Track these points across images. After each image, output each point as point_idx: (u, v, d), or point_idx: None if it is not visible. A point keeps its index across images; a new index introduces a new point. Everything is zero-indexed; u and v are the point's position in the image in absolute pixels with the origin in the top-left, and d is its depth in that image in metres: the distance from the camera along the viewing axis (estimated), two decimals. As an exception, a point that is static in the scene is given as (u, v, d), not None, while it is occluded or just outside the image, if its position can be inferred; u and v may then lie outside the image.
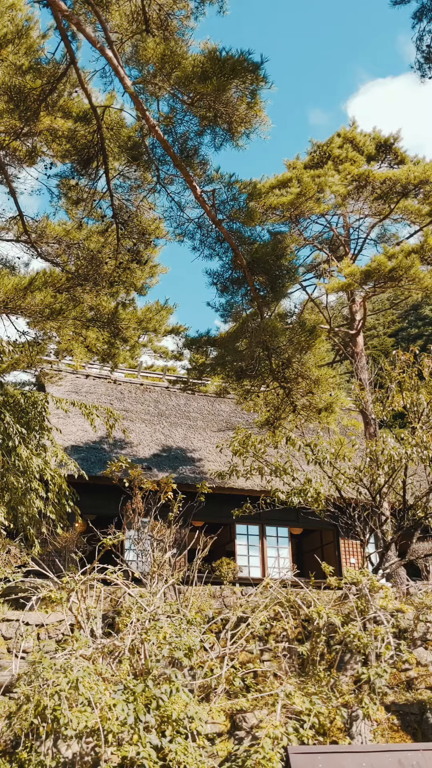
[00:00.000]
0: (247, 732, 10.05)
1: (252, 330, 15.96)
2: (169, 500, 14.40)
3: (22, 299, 19.32)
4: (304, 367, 16.31)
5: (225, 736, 10.11)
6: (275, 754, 9.06)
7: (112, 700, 8.68)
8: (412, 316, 49.68)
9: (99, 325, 21.70)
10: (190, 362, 26.02)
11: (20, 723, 8.84)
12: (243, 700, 10.21)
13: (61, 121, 17.01)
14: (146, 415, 31.67)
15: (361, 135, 26.98)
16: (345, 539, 29.27)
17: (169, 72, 12.49)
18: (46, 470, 17.82)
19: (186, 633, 9.93)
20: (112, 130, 17.16)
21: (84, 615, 11.21)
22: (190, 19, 15.98)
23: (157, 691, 8.94)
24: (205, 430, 31.75)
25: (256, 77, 12.50)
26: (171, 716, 8.86)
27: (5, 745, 9.54)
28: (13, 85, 16.09)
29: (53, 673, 8.67)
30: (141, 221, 18.47)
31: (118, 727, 8.48)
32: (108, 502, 24.96)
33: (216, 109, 13.08)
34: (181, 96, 13.01)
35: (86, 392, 31.48)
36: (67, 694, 8.50)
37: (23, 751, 8.88)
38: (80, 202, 18.10)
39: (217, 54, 12.31)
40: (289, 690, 10.24)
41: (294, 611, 12.97)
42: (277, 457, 18.29)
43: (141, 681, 9.14)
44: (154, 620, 10.35)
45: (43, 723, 8.56)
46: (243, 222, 14.38)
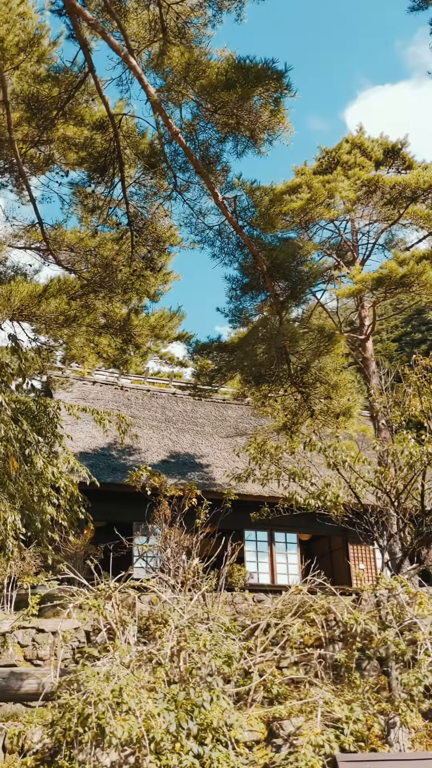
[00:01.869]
0: (285, 739, 10.04)
1: (271, 335, 15.97)
2: (193, 507, 14.38)
3: (37, 306, 19.35)
4: (323, 372, 16.36)
5: (262, 744, 10.11)
6: (318, 761, 9.05)
7: (155, 707, 8.67)
8: (416, 321, 49.72)
9: (111, 331, 21.73)
10: (201, 368, 25.99)
11: (63, 731, 8.83)
12: (281, 708, 10.20)
13: (77, 129, 17.04)
14: (154, 421, 31.67)
15: (369, 140, 27.05)
16: (354, 545, 29.26)
17: (194, 80, 12.54)
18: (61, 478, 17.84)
19: (225, 640, 9.93)
20: (129, 138, 17.21)
21: (118, 622, 11.20)
22: (207, 27, 16.03)
23: (198, 698, 8.93)
24: (212, 436, 31.74)
25: (280, 85, 12.56)
26: (211, 724, 8.85)
27: (43, 753, 9.52)
28: (30, 94, 16.11)
29: (97, 681, 8.66)
30: (156, 228, 18.49)
31: (162, 734, 8.48)
32: (117, 509, 24.97)
33: (239, 117, 13.13)
34: (205, 104, 13.04)
35: (93, 399, 31.47)
36: (111, 702, 8.49)
37: (63, 759, 8.87)
38: (96, 209, 18.12)
39: (241, 62, 12.35)
40: (328, 697, 10.24)
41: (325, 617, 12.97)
42: (294, 462, 18.24)
43: (183, 688, 9.14)
44: (191, 627, 10.34)
45: (88, 731, 8.55)
46: (263, 228, 14.43)
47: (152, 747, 8.55)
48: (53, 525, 18.58)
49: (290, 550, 28.54)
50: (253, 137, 13.46)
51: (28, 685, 12.55)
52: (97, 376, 33.61)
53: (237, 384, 26.95)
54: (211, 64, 12.78)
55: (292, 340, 15.49)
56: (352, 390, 16.56)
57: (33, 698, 12.49)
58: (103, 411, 21.58)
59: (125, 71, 17.25)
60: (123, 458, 28.00)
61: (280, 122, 12.99)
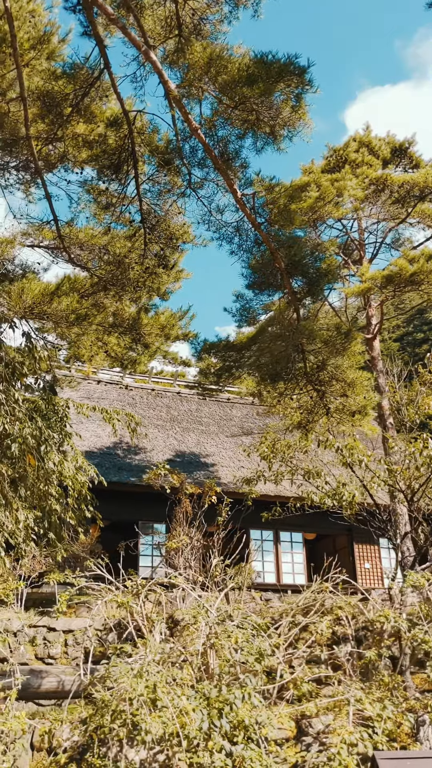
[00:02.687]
0: (314, 738, 9.97)
1: (288, 332, 15.89)
2: (213, 504, 14.30)
3: (48, 304, 19.27)
4: (339, 370, 16.29)
5: (292, 742, 10.04)
6: (351, 760, 8.98)
7: (188, 704, 8.60)
8: (418, 321, 49.71)
9: (121, 330, 21.64)
10: (208, 367, 25.92)
11: (96, 728, 8.75)
12: (311, 705, 10.12)
13: (91, 126, 16.95)
14: (159, 420, 31.63)
15: (376, 139, 27.01)
16: (360, 544, 29.25)
17: (215, 75, 12.46)
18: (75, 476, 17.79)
19: (256, 637, 9.87)
20: (143, 134, 17.13)
21: (146, 619, 11.12)
22: (223, 23, 15.95)
23: (230, 696, 8.86)
24: (218, 435, 31.70)
25: (302, 81, 12.48)
26: (242, 722, 8.78)
27: (73, 751, 9.45)
28: (45, 91, 16.03)
29: (131, 677, 8.58)
30: (169, 226, 18.41)
31: (196, 732, 8.40)
32: (122, 508, 24.93)
33: (259, 113, 13.05)
34: (226, 99, 12.96)
35: (98, 398, 31.42)
36: (146, 698, 8.42)
37: (95, 757, 8.79)
38: (109, 207, 18.03)
39: (264, 58, 12.28)
40: (359, 695, 10.17)
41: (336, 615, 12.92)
42: (306, 461, 18.20)
43: (215, 685, 9.07)
44: (222, 624, 10.27)
45: (122, 728, 8.47)
46: (282, 225, 14.35)
47: (185, 744, 8.47)
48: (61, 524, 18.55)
49: (296, 549, 28.52)
50: (272, 133, 13.38)
51: (48, 683, 12.50)
52: (102, 375, 33.55)
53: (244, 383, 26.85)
54: (232, 59, 12.69)
55: (309, 338, 15.42)
56: (368, 388, 16.50)
57: (53, 696, 12.43)
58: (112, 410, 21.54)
59: (140, 68, 17.21)
60: (129, 457, 27.96)
61: (300, 118, 12.92)
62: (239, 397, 35.36)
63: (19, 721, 8.92)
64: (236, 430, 32.53)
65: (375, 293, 24.68)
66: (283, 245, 14.74)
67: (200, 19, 15.95)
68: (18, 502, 15.33)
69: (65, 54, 18.97)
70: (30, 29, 18.58)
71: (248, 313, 26.03)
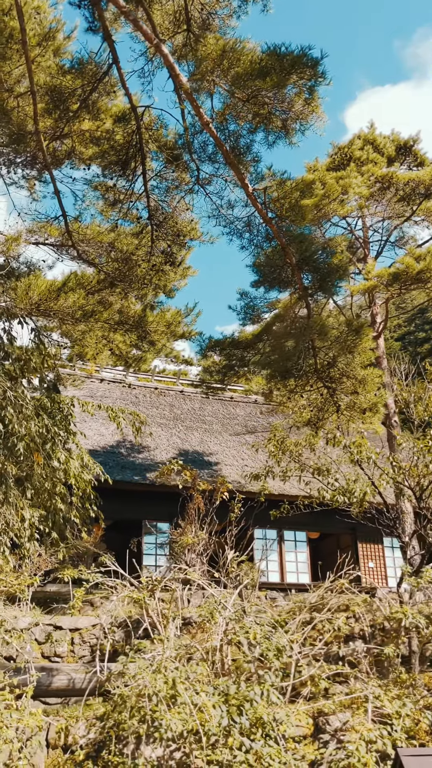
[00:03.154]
0: (332, 735, 9.87)
1: (299, 328, 15.79)
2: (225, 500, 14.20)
3: (55, 301, 19.16)
4: (350, 367, 16.19)
5: (309, 739, 9.94)
6: (371, 757, 8.88)
7: (208, 701, 8.50)
8: (419, 320, 49.63)
9: (126, 328, 21.53)
10: (213, 365, 25.84)
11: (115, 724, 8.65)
12: (329, 702, 10.03)
13: (99, 121, 16.85)
14: (162, 419, 31.54)
15: (381, 137, 26.95)
16: (364, 543, 29.18)
17: (228, 67, 12.36)
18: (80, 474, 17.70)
19: (274, 633, 9.77)
20: (150, 130, 17.04)
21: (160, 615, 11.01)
22: (232, 18, 15.86)
23: (250, 692, 8.76)
24: (221, 434, 31.62)
25: (315, 73, 12.37)
26: (261, 718, 8.69)
27: (88, 748, 9.35)
28: (53, 86, 15.92)
29: (150, 674, 8.47)
30: (177, 222, 18.31)
31: (216, 729, 8.30)
32: (125, 507, 24.85)
33: (271, 106, 12.96)
34: (238, 93, 12.86)
35: (101, 396, 31.32)
36: (166, 694, 8.31)
37: (113, 755, 8.69)
38: (117, 203, 17.93)
39: (276, 50, 12.17)
40: (378, 692, 10.07)
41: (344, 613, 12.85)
42: (314, 459, 18.08)
43: (234, 681, 8.97)
44: (239, 621, 10.18)
45: (142, 724, 8.37)
46: (294, 220, 14.25)
47: (204, 741, 8.37)
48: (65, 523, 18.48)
49: (299, 548, 28.45)
50: (284, 127, 13.28)
51: (59, 681, 12.38)
52: (104, 373, 33.46)
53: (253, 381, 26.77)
54: (244, 51, 12.59)
55: (321, 334, 15.32)
56: (379, 385, 16.39)
57: (64, 694, 12.32)
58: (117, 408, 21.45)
59: (147, 63, 17.11)
60: (132, 456, 27.88)
61: (313, 111, 12.81)
62: (243, 396, 35.29)
63: (36, 718, 8.82)
64: (240, 429, 32.46)
65: (381, 291, 24.60)
66: (294, 240, 14.63)
67: (209, 14, 15.86)
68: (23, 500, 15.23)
69: (71, 51, 18.89)
70: (35, 26, 18.48)
71: (253, 311, 25.96)
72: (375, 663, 11.73)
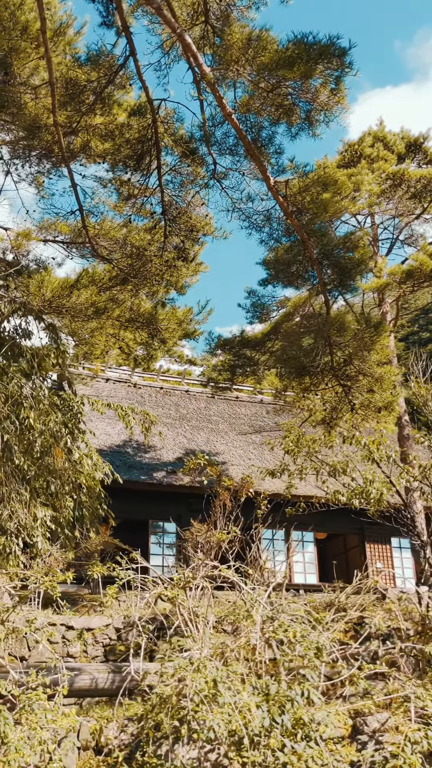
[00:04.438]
0: (370, 736, 9.65)
1: (317, 325, 15.58)
2: (251, 498, 13.98)
3: (67, 298, 18.93)
4: (366, 364, 15.97)
5: (347, 740, 9.72)
6: (416, 758, 8.67)
7: (251, 701, 8.28)
8: (423, 320, 49.51)
9: (137, 325, 21.31)
10: (222, 363, 25.66)
11: (155, 725, 8.43)
12: (369, 702, 9.82)
13: (114, 115, 16.64)
14: (167, 418, 31.35)
15: (391, 134, 26.79)
16: (372, 543, 29.04)
17: (253, 57, 12.14)
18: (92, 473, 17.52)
19: (314, 632, 9.56)
20: (166, 123, 16.83)
21: (191, 614, 10.79)
22: (251, 9, 15.65)
23: (291, 692, 8.54)
24: (227, 434, 31.45)
25: (342, 63, 12.16)
26: (301, 719, 8.47)
27: (120, 749, 9.11)
28: (69, 78, 15.71)
29: (191, 673, 8.25)
30: (191, 217, 18.10)
31: (258, 729, 8.08)
32: (132, 507, 24.66)
33: (296, 96, 12.75)
34: (263, 83, 12.64)
35: (107, 396, 31.10)
36: (207, 694, 8.09)
37: (147, 756, 8.47)
38: (131, 198, 17.71)
39: (303, 39, 11.96)
40: (420, 692, 9.86)
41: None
42: (332, 456, 17.85)
43: (275, 680, 8.75)
44: (275, 619, 9.97)
45: (183, 725, 8.15)
46: (316, 213, 14.04)
47: (247, 742, 8.14)
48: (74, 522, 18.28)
49: (306, 548, 28.31)
50: (308, 119, 13.07)
51: (81, 681, 12.13)
52: (110, 373, 33.28)
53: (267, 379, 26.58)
54: (270, 39, 12.37)
55: (339, 330, 15.10)
56: (395, 383, 16.17)
57: (86, 694, 12.07)
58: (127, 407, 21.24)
59: (164, 56, 16.90)
60: (139, 456, 27.72)
61: (339, 102, 12.60)
62: (248, 396, 35.12)
63: (70, 719, 8.59)
64: (246, 428, 32.28)
65: (393, 288, 24.44)
66: (315, 234, 14.42)
67: (227, 5, 15.66)
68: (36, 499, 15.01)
69: (80, 47, 18.70)
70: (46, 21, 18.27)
71: (262, 309, 25.79)
72: (411, 662, 11.52)
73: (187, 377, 35.38)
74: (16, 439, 13.83)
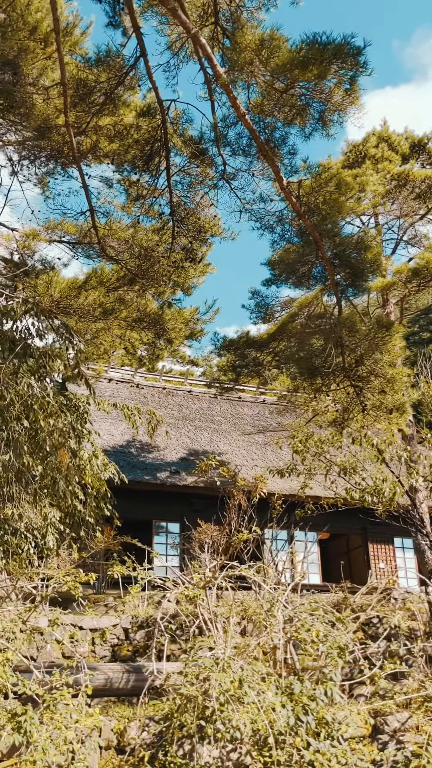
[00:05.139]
0: (391, 735, 9.68)
1: (329, 325, 15.59)
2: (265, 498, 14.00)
3: (75, 298, 18.96)
4: (378, 365, 15.98)
5: (368, 740, 9.74)
6: (439, 757, 8.70)
7: (276, 700, 8.29)
8: (423, 321, 49.53)
9: (144, 325, 21.34)
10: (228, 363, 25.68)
11: (181, 725, 8.44)
12: (390, 702, 9.84)
13: (124, 115, 16.65)
14: (171, 419, 31.32)
15: (395, 134, 26.82)
16: (374, 544, 29.04)
17: (267, 58, 12.14)
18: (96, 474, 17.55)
19: (336, 631, 9.58)
20: (175, 124, 16.86)
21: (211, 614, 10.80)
22: (261, 10, 15.69)
23: (315, 691, 8.55)
24: (230, 434, 31.45)
25: (356, 63, 12.17)
26: (323, 718, 8.48)
27: (142, 748, 9.12)
28: (80, 79, 15.72)
29: (217, 672, 8.26)
30: (199, 218, 18.13)
31: (284, 728, 8.09)
32: (135, 507, 24.64)
33: (309, 97, 12.77)
34: (278, 83, 12.65)
35: (110, 396, 31.07)
36: (234, 693, 8.10)
37: (170, 756, 8.48)
38: (139, 198, 17.74)
39: (317, 39, 11.97)
40: (442, 691, 9.90)
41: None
42: (341, 457, 17.84)
43: (299, 679, 8.76)
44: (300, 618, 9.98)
45: (209, 725, 8.15)
46: (329, 214, 14.06)
47: (271, 741, 8.15)
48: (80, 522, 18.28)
49: (310, 549, 28.26)
50: (321, 119, 13.09)
51: (96, 680, 12.13)
52: (112, 373, 33.27)
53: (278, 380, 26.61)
54: (282, 41, 12.37)
55: (351, 331, 15.11)
56: (407, 384, 16.17)
57: (101, 694, 12.06)
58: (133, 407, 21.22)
59: (173, 57, 16.92)
60: (142, 456, 27.69)
61: (353, 102, 12.62)
62: (251, 396, 35.13)
63: (95, 719, 8.59)
64: (249, 429, 32.28)
65: (398, 288, 24.47)
66: (328, 235, 14.44)
67: (237, 6, 15.68)
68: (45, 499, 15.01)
69: (86, 47, 18.73)
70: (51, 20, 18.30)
71: (266, 310, 25.82)
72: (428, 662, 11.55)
73: (189, 377, 35.37)
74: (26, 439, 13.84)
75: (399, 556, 29.29)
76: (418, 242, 29.03)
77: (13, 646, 9.66)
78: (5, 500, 14.50)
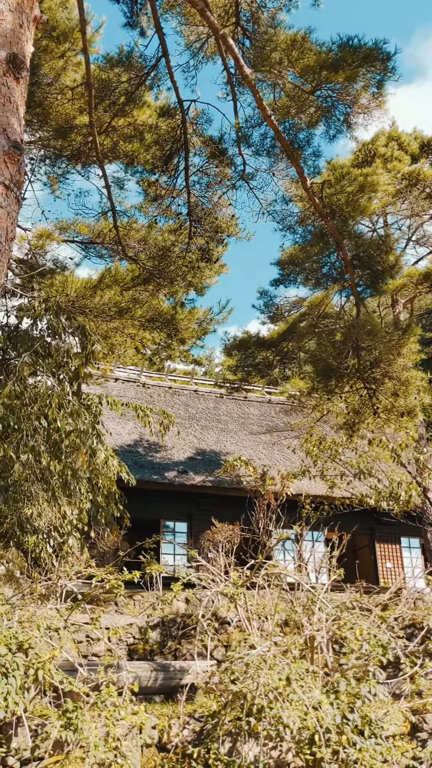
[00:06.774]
0: (430, 733, 9.76)
1: (346, 326, 15.65)
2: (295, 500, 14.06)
3: (91, 298, 18.99)
4: (392, 368, 16.03)
5: (407, 738, 9.82)
6: None
7: (324, 698, 8.35)
8: (426, 320, 49.54)
9: (157, 325, 21.37)
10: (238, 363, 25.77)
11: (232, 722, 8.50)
12: (430, 700, 9.92)
13: (144, 115, 16.71)
14: (177, 418, 31.32)
15: (404, 134, 26.88)
16: (381, 543, 29.10)
17: (296, 59, 12.21)
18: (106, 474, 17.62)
19: (379, 630, 9.65)
20: (196, 124, 16.93)
21: (251, 612, 10.86)
22: (282, 11, 15.77)
23: (361, 689, 8.62)
24: (237, 433, 31.48)
25: (385, 67, 12.26)
26: (367, 716, 8.55)
27: (184, 746, 9.18)
28: (101, 79, 15.77)
29: (265, 670, 8.32)
30: (216, 218, 18.18)
31: (331, 725, 8.16)
32: (143, 507, 24.67)
33: (335, 99, 12.85)
34: (306, 85, 12.72)
35: (117, 395, 31.03)
36: (282, 691, 8.16)
37: (213, 753, 8.54)
38: (157, 198, 17.79)
39: (348, 42, 12.05)
40: None
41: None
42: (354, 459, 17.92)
43: (343, 677, 8.83)
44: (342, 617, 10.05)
45: (260, 722, 8.21)
46: (352, 215, 14.14)
47: (317, 739, 8.21)
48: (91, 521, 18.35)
49: (317, 549, 28.29)
50: (346, 121, 13.16)
51: (126, 679, 12.20)
52: (119, 373, 33.28)
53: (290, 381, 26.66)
54: (310, 43, 12.44)
55: (369, 333, 15.18)
56: (420, 388, 16.23)
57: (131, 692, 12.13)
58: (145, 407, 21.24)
59: (192, 57, 17.00)
60: (150, 455, 27.71)
61: (379, 106, 12.70)
62: (257, 396, 35.17)
63: (139, 716, 8.66)
64: (255, 428, 32.32)
65: (409, 289, 24.56)
66: (350, 236, 14.52)
67: (258, 7, 15.76)
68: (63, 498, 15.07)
69: (98, 46, 18.79)
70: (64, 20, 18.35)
71: (275, 310, 25.90)
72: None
73: (195, 377, 35.41)
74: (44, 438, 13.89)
75: (406, 556, 29.36)
76: (427, 242, 29.12)
77: (59, 644, 9.71)
78: (25, 499, 14.56)
